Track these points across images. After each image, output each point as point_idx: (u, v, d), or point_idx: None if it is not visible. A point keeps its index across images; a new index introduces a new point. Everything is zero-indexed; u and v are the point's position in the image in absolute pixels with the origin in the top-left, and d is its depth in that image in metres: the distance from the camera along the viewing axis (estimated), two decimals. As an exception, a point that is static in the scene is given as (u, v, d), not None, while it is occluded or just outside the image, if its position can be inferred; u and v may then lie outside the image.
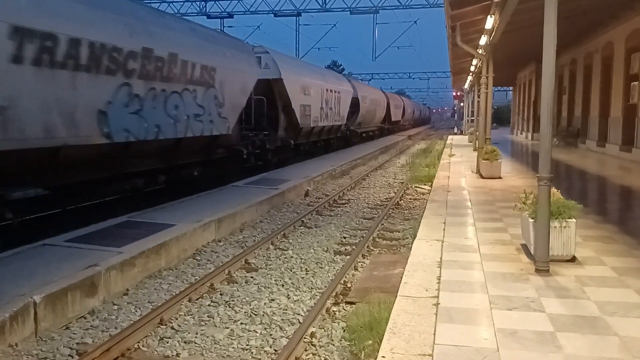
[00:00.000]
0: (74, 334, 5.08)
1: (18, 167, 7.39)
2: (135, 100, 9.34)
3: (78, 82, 7.99)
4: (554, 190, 5.60)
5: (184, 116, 10.89)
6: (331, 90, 23.25)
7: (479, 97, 18.73)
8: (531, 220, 5.68)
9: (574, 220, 5.62)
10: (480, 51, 14.56)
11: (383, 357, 3.60)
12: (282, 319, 5.42)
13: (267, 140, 16.45)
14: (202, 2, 34.23)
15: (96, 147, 8.56)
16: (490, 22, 11.89)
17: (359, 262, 7.39)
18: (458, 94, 53.41)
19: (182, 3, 33.95)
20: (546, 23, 5.27)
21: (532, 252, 5.65)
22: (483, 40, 13.70)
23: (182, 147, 11.21)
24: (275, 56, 17.96)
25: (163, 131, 10.23)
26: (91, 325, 5.28)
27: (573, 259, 5.74)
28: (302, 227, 9.67)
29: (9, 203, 7.31)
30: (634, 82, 16.81)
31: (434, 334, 3.92)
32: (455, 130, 48.29)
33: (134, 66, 9.20)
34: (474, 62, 21.48)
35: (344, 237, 8.98)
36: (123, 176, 9.89)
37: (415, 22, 42.49)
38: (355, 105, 28.23)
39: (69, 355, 4.66)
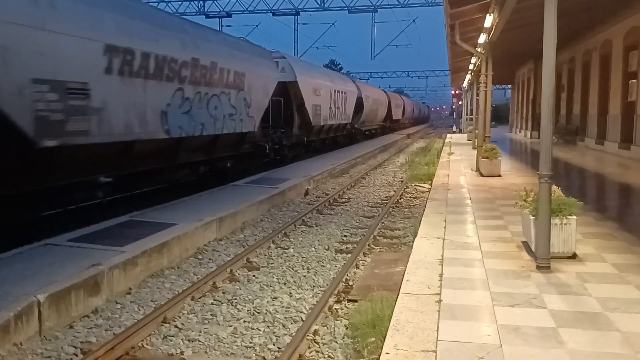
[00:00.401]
0: (78, 333, 5.10)
1: (105, 157, 9.01)
2: (186, 102, 11.01)
3: (147, 88, 9.63)
4: (554, 187, 5.63)
5: (221, 115, 12.63)
6: (338, 91, 24.69)
7: (478, 95, 18.77)
8: (532, 217, 5.71)
9: (574, 217, 5.66)
10: (479, 49, 14.60)
11: (387, 353, 3.63)
12: (285, 317, 5.45)
13: (284, 137, 17.99)
14: (201, 2, 34.26)
15: (159, 141, 10.21)
16: (489, 20, 11.92)
17: (360, 260, 7.41)
18: (457, 92, 53.45)
19: (180, 2, 33.97)
20: (546, 21, 5.30)
21: (533, 249, 5.69)
22: (482, 38, 13.74)
23: (218, 142, 12.85)
24: (291, 60, 19.52)
25: (206, 128, 11.89)
26: (95, 324, 5.30)
27: (574, 256, 5.77)
28: (302, 226, 9.70)
29: (101, 186, 9.27)
30: (633, 80, 16.86)
31: (437, 331, 3.95)
32: (454, 128, 48.36)
33: (185, 74, 10.88)
34: (473, 60, 21.52)
35: (345, 236, 9.01)
36: (176, 166, 11.56)
37: (413, 20, 42.51)
38: (359, 104, 29.52)
39: (74, 354, 4.68)
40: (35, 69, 7.14)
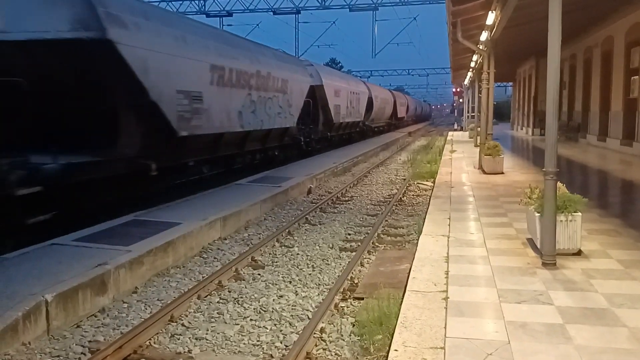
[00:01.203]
0: (85, 332, 5.12)
1: (208, 144, 12.23)
2: (252, 104, 14.20)
3: (231, 94, 12.85)
4: (559, 184, 5.64)
5: (273, 114, 15.79)
6: (353, 92, 27.80)
7: (479, 93, 18.77)
8: (537, 214, 5.72)
9: (579, 214, 5.67)
10: (481, 47, 14.60)
11: (396, 350, 3.65)
12: (291, 315, 5.46)
13: (312, 132, 21.25)
14: (202, 1, 34.25)
15: (236, 133, 13.43)
16: (491, 17, 11.92)
17: (365, 258, 7.42)
18: (458, 90, 53.42)
19: (181, 2, 33.96)
20: (551, 17, 5.31)
21: (539, 246, 5.69)
22: (484, 36, 13.74)
23: (270, 135, 16.14)
24: (318, 67, 23.27)
25: (264, 124, 15.10)
26: (102, 323, 5.32)
27: (579, 253, 5.79)
28: (306, 225, 9.71)
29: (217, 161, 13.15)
30: (634, 77, 16.85)
31: (445, 328, 3.96)
32: (455, 126, 48.33)
33: (252, 82, 14.13)
34: (474, 57, 21.53)
35: (349, 234, 9.02)
36: (243, 153, 14.92)
37: (414, 18, 42.46)
38: (369, 104, 32.49)
39: (82, 353, 4.70)
40: (177, 83, 10.19)
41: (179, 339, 4.94)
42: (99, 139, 8.87)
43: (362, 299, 5.72)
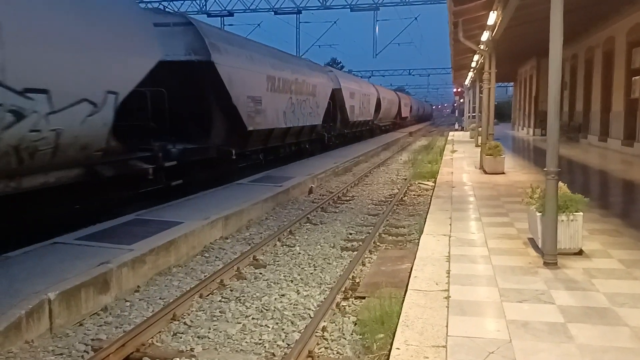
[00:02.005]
0: (88, 330, 5.14)
1: (263, 137, 15.53)
2: (292, 105, 17.65)
3: (279, 98, 16.28)
4: (560, 184, 5.65)
5: (305, 113, 19.32)
6: (364, 94, 31.05)
7: (481, 93, 18.78)
8: (539, 214, 5.73)
9: (581, 213, 5.68)
10: (482, 47, 14.60)
11: (397, 349, 3.66)
12: (293, 314, 5.48)
13: (331, 130, 24.26)
14: (203, 0, 34.25)
15: (282, 129, 16.87)
16: (492, 17, 11.93)
17: (366, 257, 7.44)
18: (459, 90, 53.41)
19: (182, 1, 33.97)
20: (552, 17, 5.32)
21: (540, 246, 5.71)
22: (485, 36, 13.74)
23: (303, 131, 19.71)
24: (337, 73, 27.27)
25: (300, 122, 18.60)
26: (105, 322, 5.34)
27: (580, 252, 5.80)
28: (307, 224, 9.73)
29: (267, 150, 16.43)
30: (636, 77, 16.85)
31: (447, 326, 3.98)
32: (456, 126, 48.31)
33: (292, 88, 17.66)
34: (475, 57, 21.52)
35: (350, 233, 9.03)
36: (284, 145, 18.45)
37: (415, 18, 42.44)
38: (378, 104, 35.51)
39: (85, 351, 4.71)
40: (247, 90, 13.73)
41: (181, 338, 4.96)
42: (198, 132, 12.41)
43: (364, 298, 5.74)
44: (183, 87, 11.42)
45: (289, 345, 4.75)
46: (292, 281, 6.54)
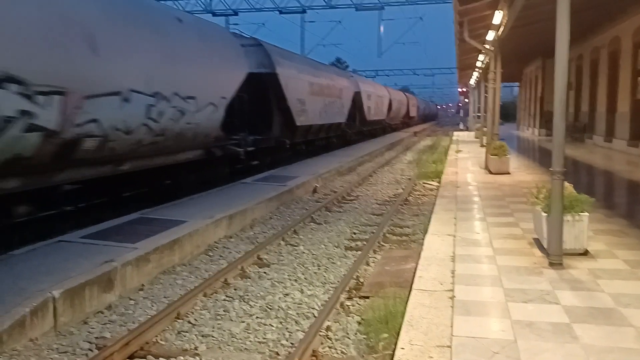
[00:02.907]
0: (92, 328, 5.15)
1: (305, 131, 19.05)
2: (325, 105, 21.07)
3: (317, 100, 19.77)
4: (566, 184, 5.64)
5: (334, 112, 22.69)
6: (378, 96, 34.42)
7: (486, 93, 18.74)
8: (544, 214, 5.71)
9: (586, 214, 5.67)
10: (487, 46, 14.57)
11: (402, 348, 3.65)
12: (297, 313, 5.47)
13: (352, 127, 27.65)
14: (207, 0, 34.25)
15: (318, 125, 20.58)
16: (498, 17, 11.90)
17: (370, 257, 7.42)
18: (464, 90, 53.31)
19: (187, 0, 33.98)
20: (559, 17, 5.30)
21: (545, 246, 5.69)
22: (491, 35, 13.71)
23: (332, 128, 23.43)
24: (357, 77, 31.53)
25: (330, 119, 22.19)
26: (109, 320, 5.35)
27: (585, 253, 5.78)
28: (312, 224, 9.72)
29: (308, 142, 20.66)
30: (642, 77, 16.78)
31: (451, 326, 3.97)
32: (461, 126, 48.22)
33: (325, 91, 21.14)
34: (481, 57, 21.48)
35: (354, 233, 9.02)
36: (318, 139, 22.14)
37: (421, 18, 42.43)
38: (389, 105, 38.70)
39: (89, 349, 4.72)
40: (296, 94, 17.32)
41: (185, 336, 4.96)
42: (263, 127, 16.01)
43: (368, 297, 5.73)
44: (254, 92, 14.79)
45: (292, 344, 4.74)
46: (296, 280, 6.53)
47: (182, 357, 4.52)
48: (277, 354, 4.61)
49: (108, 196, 10.19)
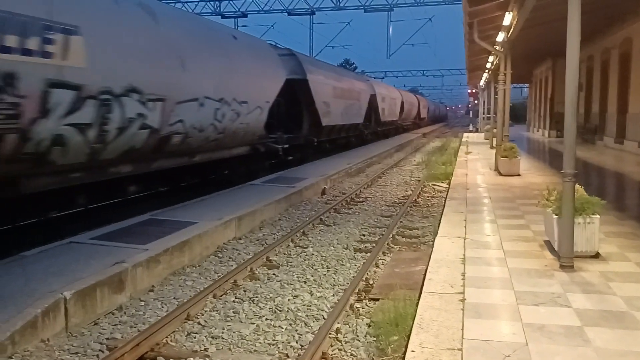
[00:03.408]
0: (103, 329, 5.17)
1: (330, 130, 21.42)
2: (346, 107, 23.02)
3: (339, 102, 21.80)
4: (577, 186, 5.60)
5: (353, 114, 24.70)
6: (392, 98, 36.78)
7: (496, 94, 18.66)
8: (555, 216, 5.67)
9: (597, 216, 5.62)
10: (497, 48, 14.51)
11: (413, 351, 3.64)
12: (307, 315, 5.46)
13: (368, 127, 29.69)
14: (217, 2, 34.41)
15: (340, 125, 22.69)
16: (508, 18, 11.85)
17: (380, 259, 7.41)
18: (473, 91, 53.12)
19: (196, 3, 34.13)
20: (570, 18, 5.27)
21: (556, 249, 5.65)
22: (500, 36, 13.65)
23: (351, 128, 25.39)
24: (372, 81, 32.99)
25: (350, 120, 24.25)
26: (120, 321, 5.37)
27: (597, 255, 5.73)
28: (321, 225, 9.72)
29: (331, 141, 22.96)
30: (654, 78, 16.63)
31: (462, 329, 3.95)
32: (471, 127, 48.04)
33: (346, 94, 23.08)
34: (490, 58, 21.40)
35: (363, 235, 9.00)
36: (339, 138, 24.16)
37: (430, 19, 42.30)
38: (402, 107, 41.07)
39: (100, 350, 4.74)
40: (322, 97, 19.36)
41: (195, 338, 4.97)
42: (294, 126, 18.19)
43: (378, 299, 5.72)
44: (288, 96, 16.70)
45: (302, 346, 4.74)
46: (305, 282, 6.53)
47: (192, 359, 4.54)
48: (287, 356, 4.61)
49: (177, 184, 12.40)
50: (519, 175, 13.04)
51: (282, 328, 5.17)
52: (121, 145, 8.65)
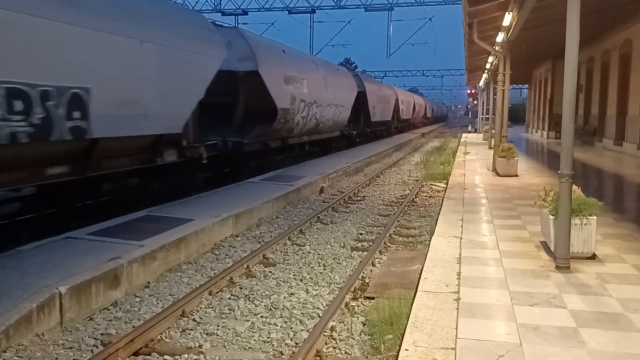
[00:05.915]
0: (98, 324, 5.17)
1: (373, 126, 31.35)
2: (382, 109, 32.46)
3: (379, 105, 30.94)
4: (574, 187, 5.60)
5: (385, 113, 33.74)
6: (407, 101, 43.10)
7: (495, 95, 18.66)
8: (551, 217, 5.67)
9: (594, 217, 5.62)
10: (497, 48, 14.50)
11: (406, 350, 3.64)
12: (302, 313, 5.47)
13: (392, 123, 35.55)
14: (217, -1, 34.32)
15: (379, 121, 32.09)
16: (508, 19, 11.83)
17: (376, 258, 7.41)
18: (473, 91, 53.13)
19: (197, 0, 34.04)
20: (569, 19, 5.26)
21: (552, 249, 5.65)
22: (500, 37, 13.64)
23: (382, 123, 33.33)
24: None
25: (384, 117, 32.97)
26: (114, 317, 5.36)
27: (593, 257, 5.74)
28: (318, 223, 9.71)
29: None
30: (653, 80, 16.63)
31: (456, 329, 3.95)
32: (470, 128, 48.04)
33: (383, 100, 32.00)
34: (490, 59, 21.38)
35: (360, 234, 9.00)
36: (378, 130, 33.35)
37: (430, 19, 42.26)
38: (414, 108, 48.13)
39: (94, 345, 4.74)
40: (372, 102, 28.93)
41: (190, 334, 4.97)
42: (355, 121, 27.34)
43: (373, 298, 5.72)
44: (355, 101, 24.74)
45: (297, 344, 4.74)
46: (301, 280, 6.53)
47: (186, 355, 4.53)
48: (281, 353, 4.61)
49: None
50: (516, 176, 13.04)
51: (277, 325, 5.17)
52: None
